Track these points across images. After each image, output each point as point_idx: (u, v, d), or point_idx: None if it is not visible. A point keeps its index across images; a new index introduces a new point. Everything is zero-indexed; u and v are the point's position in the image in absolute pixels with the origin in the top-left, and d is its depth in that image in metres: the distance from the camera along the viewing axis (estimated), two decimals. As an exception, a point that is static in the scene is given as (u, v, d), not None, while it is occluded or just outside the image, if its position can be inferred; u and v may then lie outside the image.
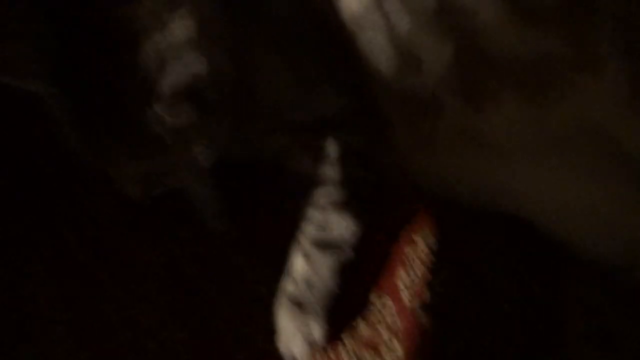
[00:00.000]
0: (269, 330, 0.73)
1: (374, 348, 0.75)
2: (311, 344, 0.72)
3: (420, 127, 0.76)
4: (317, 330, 0.72)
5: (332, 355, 0.74)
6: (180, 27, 0.63)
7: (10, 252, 0.79)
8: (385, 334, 0.75)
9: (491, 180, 0.77)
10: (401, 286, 0.78)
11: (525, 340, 0.77)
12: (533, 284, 0.80)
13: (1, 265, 0.78)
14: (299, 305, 0.73)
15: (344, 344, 0.75)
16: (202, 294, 0.77)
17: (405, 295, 0.77)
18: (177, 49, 0.63)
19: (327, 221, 0.74)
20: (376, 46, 0.73)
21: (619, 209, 0.75)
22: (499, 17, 0.71)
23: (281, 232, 0.76)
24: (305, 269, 0.73)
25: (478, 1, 0.70)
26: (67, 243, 0.79)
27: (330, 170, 0.75)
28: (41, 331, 0.75)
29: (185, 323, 0.75)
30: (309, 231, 0.74)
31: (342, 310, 0.75)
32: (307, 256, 0.74)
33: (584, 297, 0.80)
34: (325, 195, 0.75)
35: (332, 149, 0.75)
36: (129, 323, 0.75)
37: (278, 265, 0.75)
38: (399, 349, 0.75)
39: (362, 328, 0.76)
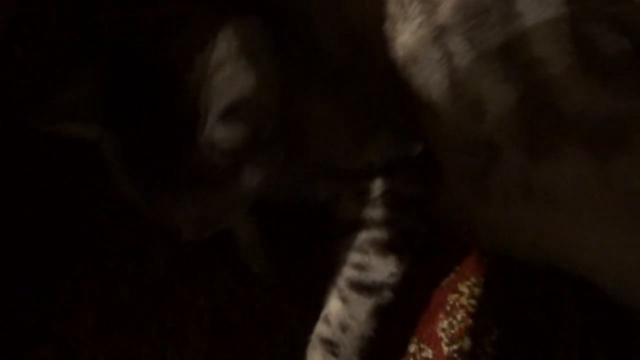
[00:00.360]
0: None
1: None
2: None
3: (475, 177, 0.74)
4: None
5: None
6: (224, 47, 0.62)
7: (51, 284, 0.78)
8: None
9: (552, 238, 0.74)
10: (442, 335, 0.75)
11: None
12: (597, 353, 0.77)
13: (42, 299, 0.77)
14: (332, 348, 0.70)
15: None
16: (242, 339, 0.75)
17: (445, 344, 0.74)
18: (224, 71, 0.62)
19: (367, 263, 0.72)
20: (433, 86, 0.71)
21: None
22: (572, 73, 0.68)
23: (322, 276, 0.74)
24: (341, 311, 0.71)
25: (550, 52, 0.68)
26: (110, 278, 0.79)
27: (374, 213, 0.73)
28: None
29: None
30: (346, 272, 0.72)
31: (378, 356, 0.72)
32: (343, 298, 0.71)
33: None
34: (367, 237, 0.72)
35: (379, 192, 0.73)
36: None
37: (319, 311, 0.73)
38: (437, 402, 0.72)
39: None
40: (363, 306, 0.71)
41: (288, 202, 0.76)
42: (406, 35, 0.71)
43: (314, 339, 0.71)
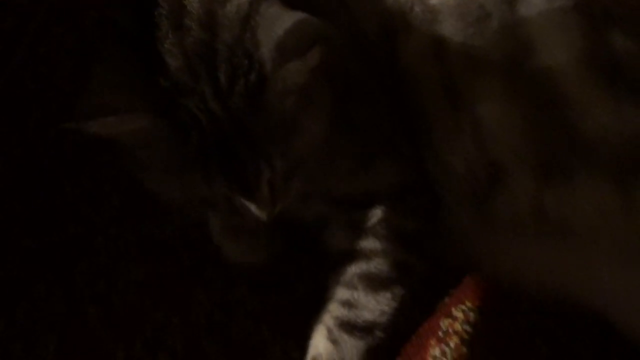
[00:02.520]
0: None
1: None
2: None
3: (479, 202, 0.72)
4: None
5: None
6: None
7: (10, 303, 0.76)
8: None
9: (565, 272, 0.72)
10: None
11: None
12: None
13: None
14: None
15: None
16: None
17: None
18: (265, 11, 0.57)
19: (357, 300, 0.70)
20: (432, 103, 0.70)
21: None
22: (589, 90, 0.67)
23: (307, 303, 0.72)
24: (332, 355, 0.69)
25: (557, 68, 0.67)
26: (76, 297, 0.78)
27: (366, 243, 0.71)
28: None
29: None
30: (335, 310, 0.70)
31: None
32: (333, 340, 0.69)
33: None
34: (357, 271, 0.70)
35: (373, 221, 0.71)
36: None
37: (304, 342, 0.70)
38: None
39: None
40: (354, 349, 0.68)
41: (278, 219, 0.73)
42: (408, 49, 0.70)
43: None
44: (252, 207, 0.62)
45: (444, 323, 0.75)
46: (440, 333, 0.74)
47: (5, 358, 0.73)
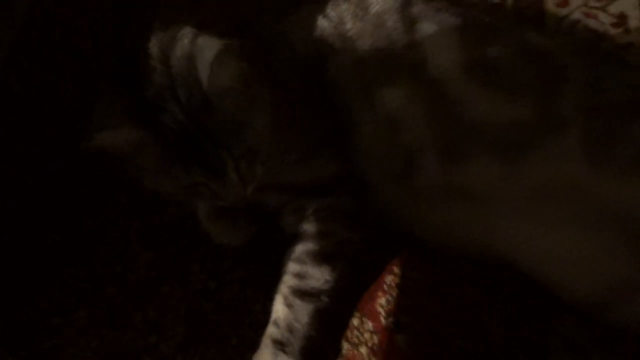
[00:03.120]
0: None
1: (357, 367, 0.82)
2: None
3: (398, 180, 0.83)
4: None
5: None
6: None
7: (48, 285, 0.88)
8: (365, 353, 0.82)
9: (476, 230, 0.83)
10: (380, 310, 0.84)
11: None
12: (519, 322, 0.85)
13: (41, 299, 0.87)
14: (282, 347, 0.78)
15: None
16: (214, 323, 0.85)
17: (383, 318, 0.83)
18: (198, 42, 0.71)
19: (306, 272, 0.80)
20: (356, 106, 0.81)
21: (596, 253, 0.80)
22: (468, 89, 0.78)
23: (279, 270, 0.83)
24: (287, 315, 0.79)
25: (445, 73, 0.79)
26: (98, 278, 0.89)
27: (309, 227, 0.81)
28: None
29: (199, 350, 0.84)
30: (289, 281, 0.80)
31: (318, 352, 0.81)
32: (288, 304, 0.79)
33: (567, 336, 0.84)
34: (304, 249, 0.80)
35: (313, 208, 0.81)
36: (150, 351, 0.84)
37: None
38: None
39: (346, 348, 0.83)
40: (305, 310, 0.79)
41: (247, 207, 0.84)
42: (334, 66, 0.82)
43: (266, 339, 0.79)
44: (228, 190, 0.73)
45: (388, 279, 0.85)
46: (385, 286, 0.85)
47: (46, 329, 0.84)
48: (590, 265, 0.81)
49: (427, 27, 0.81)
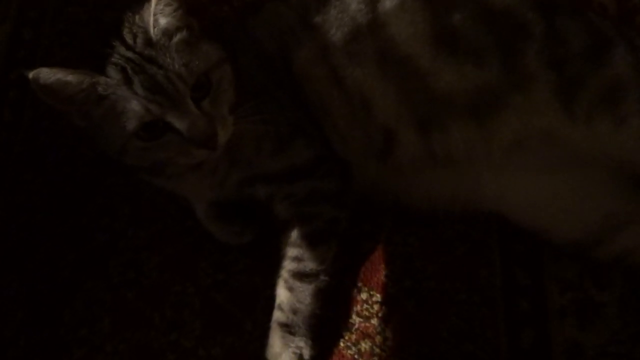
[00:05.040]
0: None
1: (371, 337, 0.87)
2: None
3: (381, 157, 0.86)
4: (306, 350, 0.81)
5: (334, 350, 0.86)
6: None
7: (71, 300, 0.92)
8: (377, 324, 0.87)
9: (463, 191, 0.86)
10: (385, 280, 0.88)
11: (510, 320, 0.86)
12: (513, 269, 0.89)
13: (65, 312, 0.92)
14: (288, 329, 0.81)
15: (343, 338, 0.87)
16: (227, 312, 0.90)
17: (390, 287, 0.88)
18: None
19: (303, 255, 0.83)
20: (326, 97, 0.83)
21: (579, 194, 0.84)
22: (436, 60, 0.80)
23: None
24: (290, 298, 0.82)
25: (412, 48, 0.81)
26: (116, 287, 0.93)
27: (300, 211, 0.84)
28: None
29: (217, 339, 0.89)
30: (288, 265, 0.83)
31: (327, 328, 0.84)
32: (289, 287, 0.82)
33: (559, 276, 0.89)
34: (299, 233, 0.83)
35: (302, 193, 0.83)
36: (172, 347, 0.89)
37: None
38: (391, 336, 0.86)
39: (358, 322, 0.88)
40: (306, 291, 0.82)
41: (239, 201, 0.90)
42: (299, 58, 0.84)
43: (273, 324, 0.82)
44: (191, 127, 0.70)
45: (389, 249, 0.91)
46: (387, 257, 0.90)
47: (75, 341, 0.89)
48: (574, 206, 0.84)
49: (389, 4, 0.83)
